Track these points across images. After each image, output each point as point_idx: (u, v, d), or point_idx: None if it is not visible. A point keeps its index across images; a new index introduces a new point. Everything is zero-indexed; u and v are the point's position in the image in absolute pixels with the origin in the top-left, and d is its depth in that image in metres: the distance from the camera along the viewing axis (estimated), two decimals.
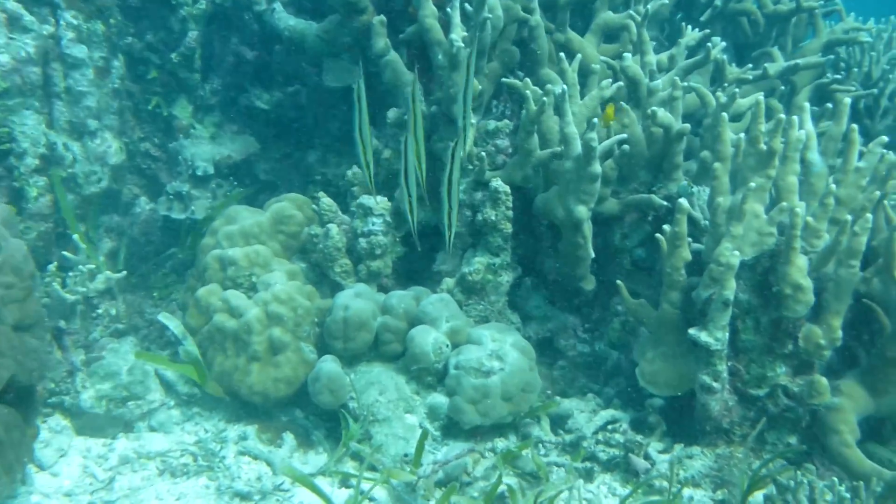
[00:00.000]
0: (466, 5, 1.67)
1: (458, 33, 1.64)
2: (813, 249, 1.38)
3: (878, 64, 2.36)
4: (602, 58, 1.80)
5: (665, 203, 1.64)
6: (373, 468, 1.46)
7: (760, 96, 1.42)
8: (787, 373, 1.45)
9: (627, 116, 1.68)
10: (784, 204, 1.36)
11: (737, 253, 1.36)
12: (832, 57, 2.49)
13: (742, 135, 1.45)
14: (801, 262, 1.35)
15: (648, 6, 1.78)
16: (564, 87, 1.55)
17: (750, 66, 1.91)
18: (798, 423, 1.46)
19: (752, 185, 1.36)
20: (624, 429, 1.54)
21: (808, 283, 1.35)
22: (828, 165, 1.42)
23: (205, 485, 1.48)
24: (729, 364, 1.47)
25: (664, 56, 1.86)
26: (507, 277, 1.78)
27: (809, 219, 1.37)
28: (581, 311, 1.88)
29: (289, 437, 1.59)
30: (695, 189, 1.65)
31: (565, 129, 1.57)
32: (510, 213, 1.72)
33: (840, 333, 1.39)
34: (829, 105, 1.59)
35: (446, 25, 1.71)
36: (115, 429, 1.63)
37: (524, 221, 1.84)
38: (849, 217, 1.33)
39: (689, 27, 1.89)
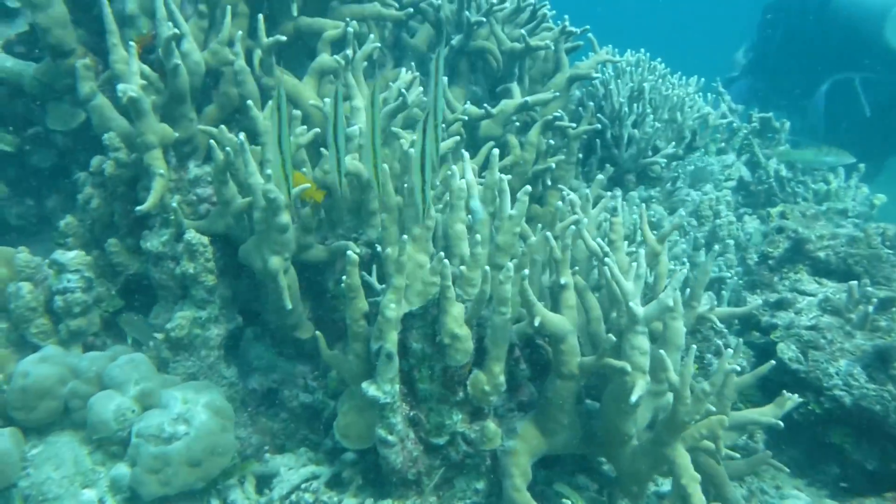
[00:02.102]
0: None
1: (136, 81, 1.57)
2: (469, 298, 1.39)
3: (619, 95, 2.46)
4: (311, 102, 1.77)
5: (357, 252, 1.63)
6: None
7: (412, 150, 1.42)
8: (463, 420, 1.45)
9: (328, 163, 1.65)
10: (441, 254, 1.36)
11: (392, 306, 1.36)
12: (578, 92, 2.59)
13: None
14: (457, 310, 1.36)
15: (349, 51, 1.77)
16: (241, 136, 1.51)
17: (464, 107, 1.95)
18: (480, 468, 1.47)
19: (407, 236, 1.36)
20: (315, 487, 1.51)
21: (464, 331, 1.36)
22: (489, 213, 1.44)
23: None
24: (412, 414, 1.47)
25: (380, 98, 1.85)
26: (217, 331, 1.71)
27: (463, 268, 1.38)
28: (313, 358, 1.84)
29: None
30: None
31: (248, 181, 1.53)
32: (210, 264, 1.65)
33: (503, 379, 1.41)
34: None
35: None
36: None
37: (243, 269, 1.79)
38: (509, 263, 1.35)
39: (405, 69, 1.89)
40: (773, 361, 1.63)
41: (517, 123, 2.22)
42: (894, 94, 3.73)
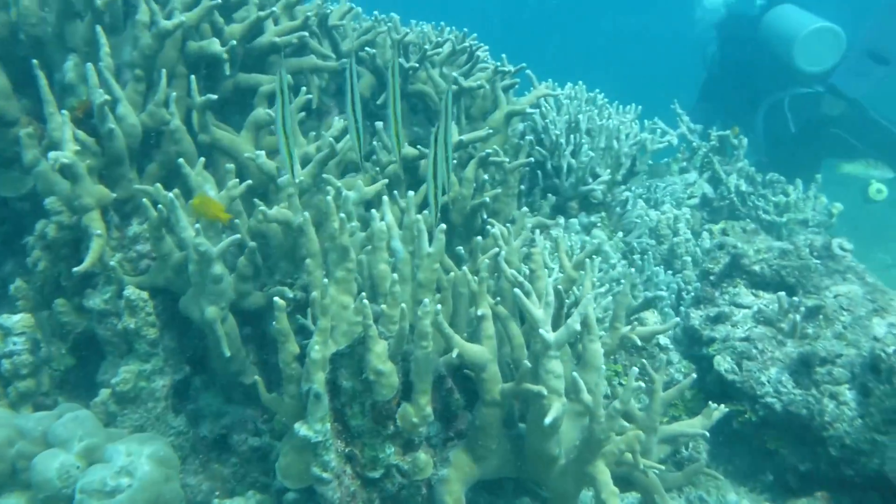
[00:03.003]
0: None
1: (69, 147, 1.65)
2: (391, 335, 1.46)
3: (555, 128, 2.56)
4: (247, 154, 1.85)
5: (292, 297, 1.70)
6: None
7: (328, 198, 1.50)
8: (396, 452, 1.51)
9: (262, 213, 1.73)
10: (363, 294, 1.43)
11: (317, 347, 1.42)
12: (521, 125, 2.70)
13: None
14: (380, 348, 1.42)
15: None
16: (171, 194, 1.58)
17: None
18: (416, 498, 1.53)
19: (328, 279, 1.43)
20: None
21: (388, 367, 1.43)
22: (408, 252, 1.52)
23: None
24: (347, 450, 1.52)
25: (313, 147, 1.94)
26: (162, 382, 1.77)
27: (383, 306, 1.45)
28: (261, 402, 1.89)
29: None
30: None
31: (181, 235, 1.60)
32: (151, 318, 1.72)
33: (429, 410, 1.47)
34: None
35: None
36: None
37: (190, 320, 1.85)
38: (426, 300, 1.42)
39: (337, 117, 1.98)
40: (694, 376, 1.70)
41: (455, 161, 2.31)
42: (813, 111, 4.04)
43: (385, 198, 1.55)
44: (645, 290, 2.63)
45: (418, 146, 2.11)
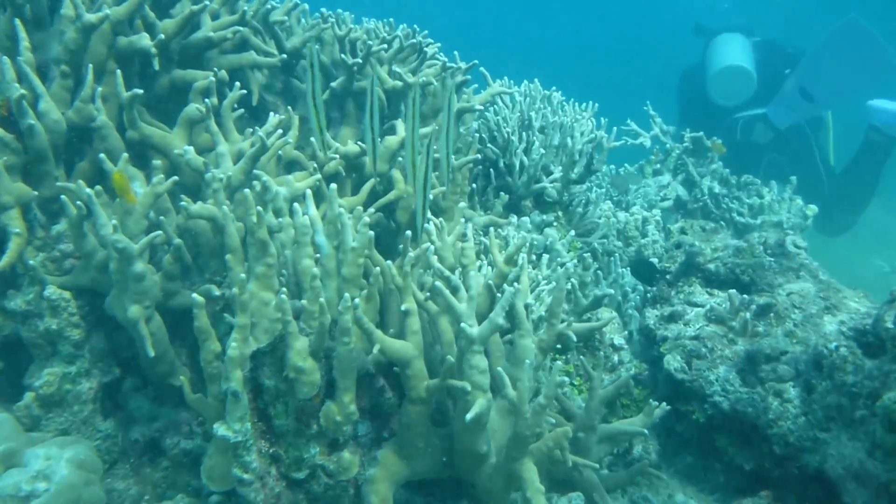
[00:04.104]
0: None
1: None
2: (312, 331, 1.42)
3: (506, 125, 2.53)
4: (176, 150, 1.80)
5: (219, 293, 1.65)
6: None
7: (246, 192, 1.45)
8: (322, 452, 1.46)
9: (185, 210, 1.68)
10: (283, 289, 1.39)
11: (234, 345, 1.37)
12: (475, 123, 2.66)
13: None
14: (300, 344, 1.38)
15: (214, 100, 1.82)
16: (88, 191, 1.54)
17: (337, 146, 1.99)
18: (342, 499, 1.48)
19: (244, 274, 1.39)
20: None
21: (308, 364, 1.38)
22: (334, 246, 1.48)
23: None
24: (272, 451, 1.47)
25: (247, 143, 1.89)
26: (89, 384, 1.71)
27: (304, 302, 1.41)
28: None
29: None
30: None
31: (101, 232, 1.55)
32: (75, 318, 1.66)
33: (353, 408, 1.42)
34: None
35: None
36: None
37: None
38: (347, 294, 1.38)
39: (272, 113, 1.94)
40: (631, 374, 1.67)
41: (400, 159, 2.28)
42: (744, 130, 4.62)
43: (308, 191, 1.50)
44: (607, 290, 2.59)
45: (359, 143, 2.06)
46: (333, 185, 1.49)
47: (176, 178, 1.69)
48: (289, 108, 2.16)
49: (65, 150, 1.85)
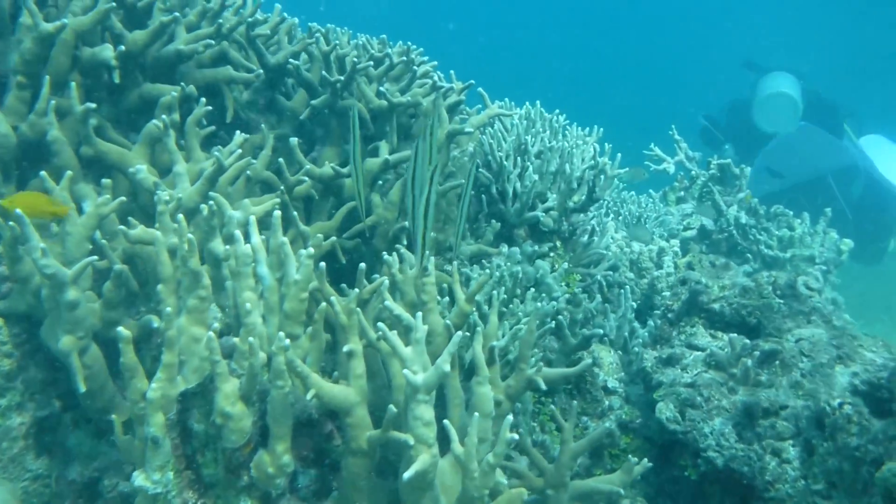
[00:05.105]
0: None
1: None
2: (244, 371, 1.28)
3: (499, 150, 2.39)
4: (130, 169, 1.69)
5: (158, 325, 1.52)
6: None
7: (180, 217, 1.33)
8: None
9: (124, 233, 1.56)
10: (215, 326, 1.25)
11: (154, 386, 1.24)
12: (470, 147, 2.53)
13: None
14: (229, 387, 1.24)
15: (175, 116, 1.71)
16: (19, 211, 1.42)
17: (307, 167, 1.87)
18: None
19: (170, 308, 1.26)
20: None
21: (237, 409, 1.24)
22: (276, 278, 1.34)
23: None
24: (201, 503, 1.33)
25: (210, 163, 1.78)
26: (20, 419, 1.59)
27: (236, 340, 1.27)
28: None
29: None
30: None
31: (30, 256, 1.43)
32: (7, 347, 1.55)
33: (288, 459, 1.28)
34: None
35: None
36: None
37: None
38: (281, 333, 1.24)
39: (238, 132, 1.82)
40: (607, 426, 1.50)
41: (380, 183, 2.15)
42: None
43: (252, 217, 1.37)
44: (618, 325, 2.41)
45: (333, 166, 1.94)
46: (277, 213, 1.36)
47: (123, 198, 1.58)
48: (262, 126, 2.04)
49: (18, 167, 1.75)
